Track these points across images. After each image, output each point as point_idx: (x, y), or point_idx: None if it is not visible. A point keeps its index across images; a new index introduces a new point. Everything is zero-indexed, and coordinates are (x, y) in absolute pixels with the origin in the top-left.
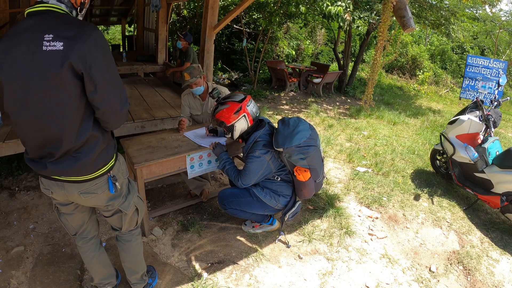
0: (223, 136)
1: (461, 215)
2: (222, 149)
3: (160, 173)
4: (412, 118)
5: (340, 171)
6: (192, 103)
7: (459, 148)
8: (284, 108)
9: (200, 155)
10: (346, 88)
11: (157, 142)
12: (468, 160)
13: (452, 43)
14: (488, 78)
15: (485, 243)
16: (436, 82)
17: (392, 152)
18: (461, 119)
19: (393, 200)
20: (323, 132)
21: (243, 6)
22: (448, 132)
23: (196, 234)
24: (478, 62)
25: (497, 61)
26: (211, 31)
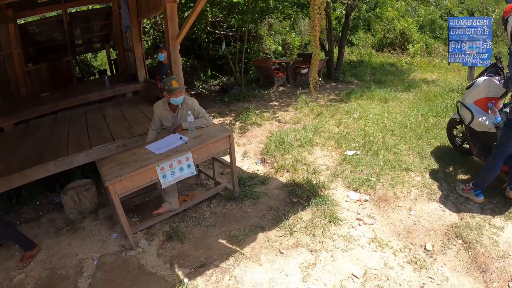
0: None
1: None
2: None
3: (133, 187)
4: (404, 92)
5: (328, 158)
6: (163, 114)
7: (477, 114)
8: (274, 105)
9: (170, 163)
10: (335, 74)
11: (128, 157)
12: (487, 128)
13: (440, 11)
14: (474, 37)
15: (486, 211)
16: (428, 53)
17: (383, 130)
18: (479, 81)
19: (383, 180)
20: (311, 121)
21: (196, 11)
22: (465, 97)
23: (179, 242)
24: (461, 23)
25: (481, 18)
26: (174, 41)
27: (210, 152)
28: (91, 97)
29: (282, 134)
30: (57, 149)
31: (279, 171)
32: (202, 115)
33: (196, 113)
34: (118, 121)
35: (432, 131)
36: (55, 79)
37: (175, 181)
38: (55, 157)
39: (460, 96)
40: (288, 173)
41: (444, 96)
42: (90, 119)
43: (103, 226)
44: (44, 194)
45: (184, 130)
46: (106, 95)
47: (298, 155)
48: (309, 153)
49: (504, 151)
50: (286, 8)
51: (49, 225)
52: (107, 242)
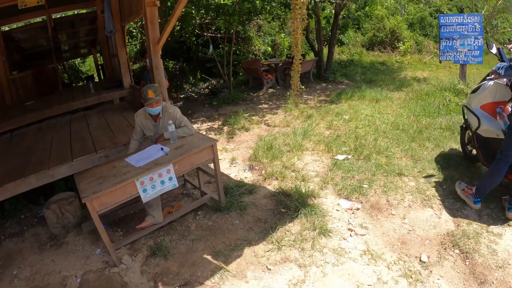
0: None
1: (453, 189)
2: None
3: (112, 203)
4: (396, 91)
5: (318, 163)
6: (145, 123)
7: (484, 120)
8: (263, 108)
9: (150, 177)
10: (325, 74)
11: (107, 171)
12: (495, 134)
13: (430, 8)
14: (465, 34)
15: (483, 217)
16: (419, 51)
17: (374, 132)
18: (486, 85)
19: (375, 186)
20: (301, 124)
21: (176, 15)
22: (471, 102)
23: (163, 258)
24: (451, 20)
25: (471, 15)
26: (155, 46)
27: (193, 163)
28: (75, 105)
29: (270, 138)
30: (40, 161)
31: (267, 179)
32: (184, 124)
33: (178, 122)
34: (101, 130)
35: (424, 132)
36: (40, 86)
37: (156, 195)
38: (37, 169)
39: (452, 95)
40: (276, 181)
41: (436, 95)
42: (74, 128)
43: (87, 241)
44: (28, 207)
45: (166, 140)
46: (91, 103)
47: (287, 161)
48: (299, 159)
49: (508, 156)
50: (274, 9)
51: (33, 240)
52: (91, 258)
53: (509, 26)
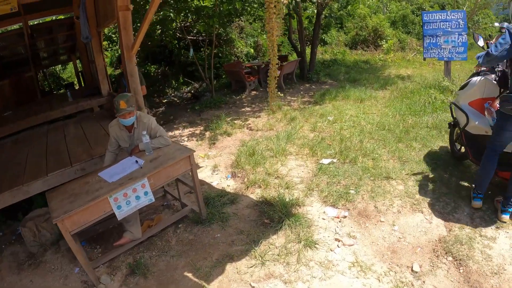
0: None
1: (444, 191)
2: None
3: (86, 222)
4: (380, 90)
5: (303, 169)
6: (119, 134)
7: (472, 116)
8: (246, 111)
9: (124, 192)
10: (308, 75)
11: (80, 188)
12: (484, 131)
13: (412, 6)
14: (449, 31)
15: (476, 219)
16: (402, 48)
17: (360, 133)
18: (474, 81)
19: (362, 191)
20: (284, 127)
21: (148, 19)
22: (459, 99)
23: (142, 276)
24: (435, 17)
25: (455, 11)
26: (129, 52)
27: (169, 176)
28: (53, 114)
29: (253, 143)
30: (15, 175)
31: (250, 187)
32: (160, 134)
33: (153, 132)
34: (78, 140)
35: (411, 131)
36: (19, 95)
37: (132, 211)
38: (12, 185)
39: (437, 92)
40: (259, 189)
41: (421, 92)
42: (51, 139)
43: (65, 259)
44: (7, 224)
45: (141, 152)
46: (68, 112)
47: (270, 167)
48: (282, 164)
49: (496, 146)
50: (255, 10)
51: (11, 259)
52: (69, 278)
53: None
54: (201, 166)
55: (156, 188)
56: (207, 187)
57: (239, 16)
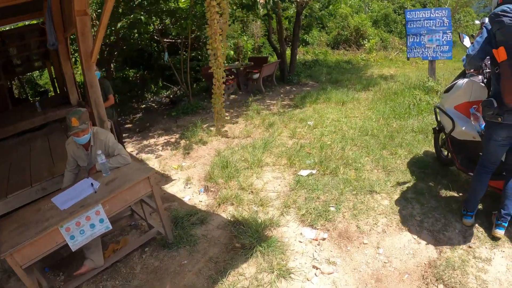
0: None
1: (433, 204)
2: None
3: (38, 254)
4: (363, 92)
5: (279, 182)
6: (77, 153)
7: (459, 121)
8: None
9: (77, 221)
10: (289, 77)
11: (31, 216)
12: (471, 136)
13: (393, 5)
14: (433, 29)
15: (468, 238)
16: (384, 47)
17: (341, 139)
18: (459, 83)
19: (344, 208)
20: (262, 134)
21: (103, 24)
22: (444, 102)
23: None
24: (418, 15)
25: (439, 9)
26: (88, 61)
27: (127, 200)
28: (22, 126)
29: (228, 153)
30: None
31: (222, 204)
32: (118, 152)
33: (111, 150)
34: (42, 156)
35: (396, 137)
36: None
37: (87, 241)
38: None
39: (422, 93)
40: (232, 206)
41: (405, 94)
42: (17, 154)
43: None
44: None
45: (99, 172)
46: (37, 123)
47: (244, 180)
48: (258, 177)
49: (487, 167)
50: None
51: None
52: None
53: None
54: (173, 179)
55: (113, 215)
56: (178, 203)
57: None
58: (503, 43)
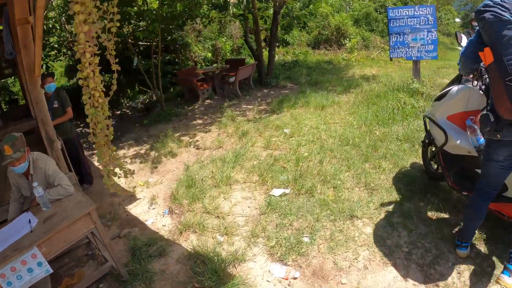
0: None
1: (422, 231)
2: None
3: None
4: (344, 94)
5: (249, 203)
6: (19, 182)
7: (453, 134)
8: (196, 124)
9: (12, 267)
10: (267, 79)
11: None
12: (467, 151)
13: (375, 4)
14: (418, 28)
15: (464, 273)
16: (365, 47)
17: (319, 150)
18: (454, 91)
19: (319, 239)
20: (235, 143)
21: (38, 35)
22: (436, 112)
23: None
24: (401, 13)
25: (423, 6)
26: (32, 75)
27: (67, 240)
28: None
29: (197, 168)
30: None
31: (185, 231)
32: (59, 181)
33: (51, 179)
34: None
35: (380, 146)
36: None
37: (27, 286)
38: None
39: (406, 96)
40: (195, 235)
41: (389, 96)
42: None
43: None
44: None
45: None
46: None
47: (210, 202)
48: (225, 197)
49: (487, 192)
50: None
51: None
52: None
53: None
54: (138, 198)
55: (53, 256)
56: (139, 229)
57: (187, 19)
58: (489, 43)
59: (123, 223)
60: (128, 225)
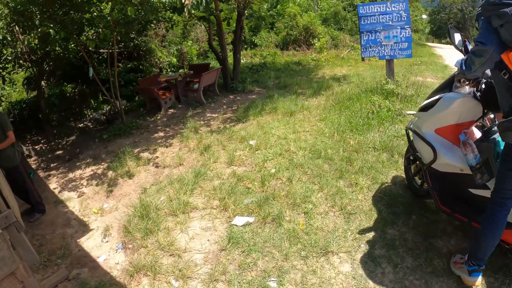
0: None
1: (408, 264)
2: None
3: None
4: (314, 97)
5: (209, 235)
6: None
7: (443, 150)
8: (158, 137)
9: None
10: (232, 84)
11: None
12: (459, 168)
13: (343, 2)
14: (390, 25)
15: None
16: (335, 46)
17: (288, 165)
18: (445, 101)
19: (289, 283)
20: (195, 161)
21: None
22: (421, 124)
23: None
24: (372, 10)
25: (396, 2)
26: None
27: None
28: None
29: (154, 191)
30: None
31: (136, 274)
32: None
33: None
34: None
35: (355, 159)
36: None
37: None
38: None
39: (381, 98)
40: (147, 278)
41: (362, 99)
42: None
43: None
44: None
45: None
46: None
47: (165, 236)
48: (182, 229)
49: (505, 197)
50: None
51: None
52: None
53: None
54: (91, 228)
55: None
56: (89, 269)
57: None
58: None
59: (73, 261)
60: (79, 263)
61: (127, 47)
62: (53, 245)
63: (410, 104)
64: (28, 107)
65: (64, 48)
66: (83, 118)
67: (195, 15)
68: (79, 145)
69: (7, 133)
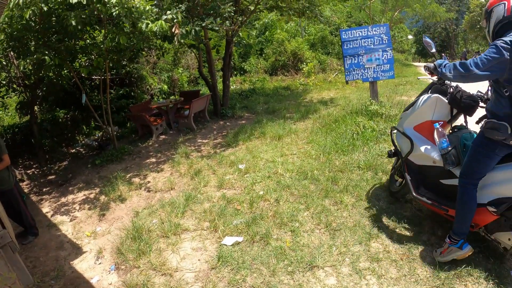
0: None
1: (393, 275)
2: None
3: None
4: (301, 121)
5: (200, 255)
6: None
7: (418, 142)
8: (149, 163)
9: None
10: (222, 110)
11: None
12: (431, 161)
13: (329, 27)
14: (372, 48)
15: None
16: (322, 70)
17: (276, 187)
18: (421, 100)
19: None
20: (186, 185)
21: None
22: (403, 122)
23: None
24: (355, 34)
25: (377, 26)
26: None
27: None
28: None
29: (146, 214)
30: None
31: None
32: None
33: None
34: None
35: (340, 178)
36: None
37: None
38: None
39: (365, 119)
40: None
41: (347, 121)
42: None
43: None
44: None
45: None
46: None
47: (157, 256)
48: (174, 250)
49: (474, 178)
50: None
51: None
52: None
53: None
54: (84, 250)
55: None
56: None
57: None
58: None
59: (67, 282)
60: (72, 285)
61: (119, 74)
62: (47, 267)
63: (394, 123)
64: (20, 131)
65: (58, 74)
66: (75, 143)
67: (185, 43)
68: (72, 170)
69: (2, 156)
